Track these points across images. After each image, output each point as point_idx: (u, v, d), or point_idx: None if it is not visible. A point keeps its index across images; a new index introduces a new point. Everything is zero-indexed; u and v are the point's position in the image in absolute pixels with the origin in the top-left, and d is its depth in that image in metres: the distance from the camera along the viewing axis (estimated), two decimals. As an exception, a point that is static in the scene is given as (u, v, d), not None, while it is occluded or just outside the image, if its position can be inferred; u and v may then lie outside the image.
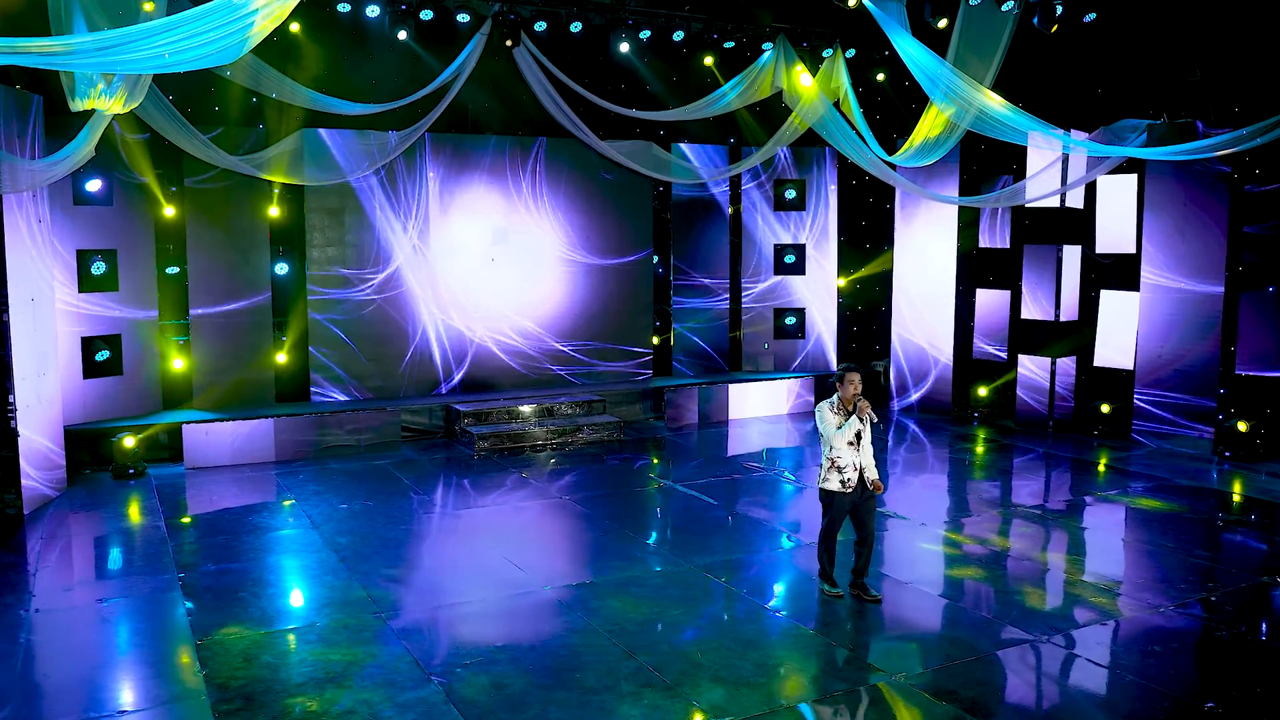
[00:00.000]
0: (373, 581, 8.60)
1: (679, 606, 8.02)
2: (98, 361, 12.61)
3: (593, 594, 8.31)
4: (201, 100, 13.14)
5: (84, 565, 9.24)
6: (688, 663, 6.95)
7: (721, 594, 8.29)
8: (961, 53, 13.17)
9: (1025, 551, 9.46)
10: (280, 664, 6.96)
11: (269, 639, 7.38)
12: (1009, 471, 12.86)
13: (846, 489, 7.84)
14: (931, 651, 7.24)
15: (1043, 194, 14.04)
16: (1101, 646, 7.34)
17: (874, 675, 6.81)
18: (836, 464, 7.85)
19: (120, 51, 7.90)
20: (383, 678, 6.72)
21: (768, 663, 6.96)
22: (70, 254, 12.34)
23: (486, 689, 6.56)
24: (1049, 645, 7.26)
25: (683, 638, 7.39)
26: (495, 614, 7.91)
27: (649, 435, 14.90)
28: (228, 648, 7.20)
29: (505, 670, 6.84)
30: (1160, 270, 13.51)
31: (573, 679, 6.71)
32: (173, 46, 8.34)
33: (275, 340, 14.07)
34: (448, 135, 14.99)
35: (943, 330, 15.98)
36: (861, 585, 8.15)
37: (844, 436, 7.80)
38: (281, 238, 14.14)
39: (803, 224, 17.19)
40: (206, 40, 8.52)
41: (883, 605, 7.99)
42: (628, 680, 6.68)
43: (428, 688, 6.57)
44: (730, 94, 15.26)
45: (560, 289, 15.94)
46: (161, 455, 12.74)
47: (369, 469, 12.62)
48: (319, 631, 7.51)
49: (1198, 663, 7.15)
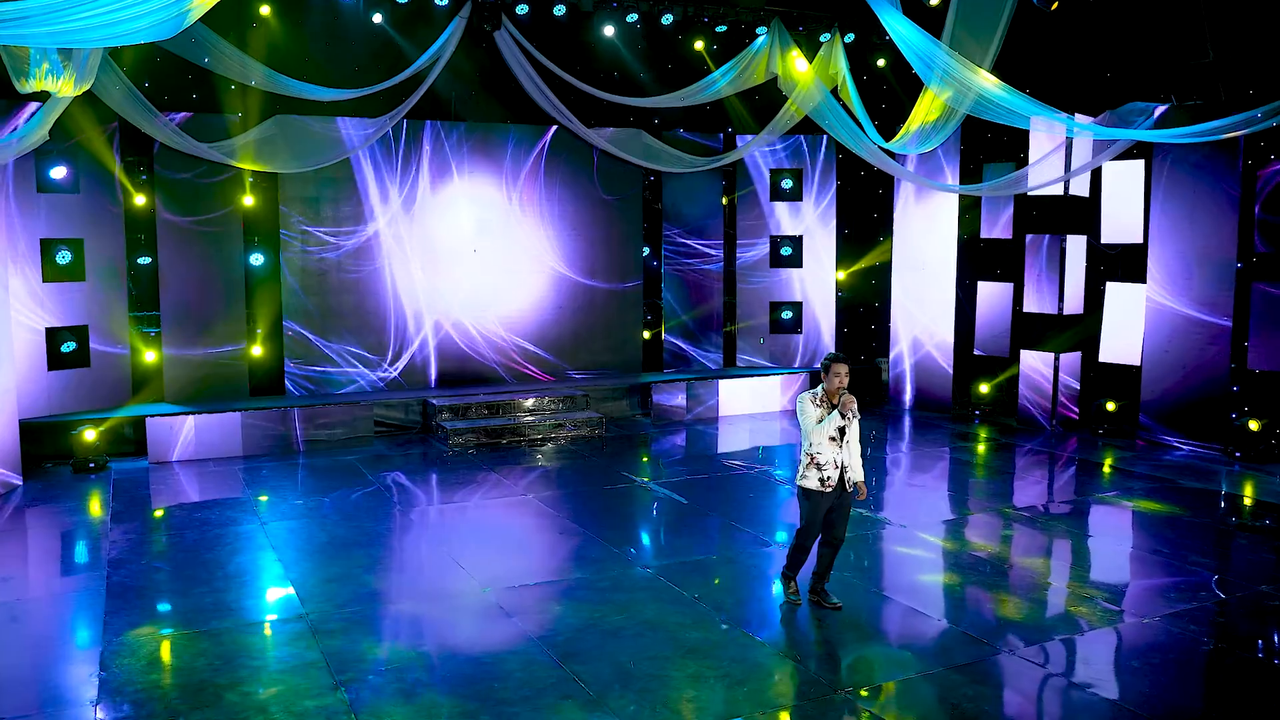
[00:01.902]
0: (307, 582, 8.19)
1: (623, 612, 7.52)
2: (63, 353, 12.30)
3: (534, 597, 7.84)
4: (173, 86, 12.80)
5: (14, 561, 8.88)
6: (618, 673, 6.45)
7: (672, 599, 7.77)
8: (957, 33, 12.58)
9: (1010, 557, 8.87)
10: (185, 667, 6.54)
11: (181, 641, 6.96)
12: (1006, 472, 12.24)
13: (825, 488, 7.28)
14: (887, 665, 6.69)
15: (1046, 181, 13.39)
16: (1075, 660, 6.76)
17: (818, 690, 6.28)
18: (816, 460, 7.29)
19: (38, 24, 7.52)
20: (287, 684, 6.29)
21: (705, 674, 6.44)
22: (33, 243, 12.03)
23: (394, 698, 6.10)
24: (1016, 658, 6.69)
25: (619, 646, 6.89)
26: (425, 618, 7.45)
27: (633, 432, 14.40)
28: (134, 650, 6.78)
29: (419, 678, 6.38)
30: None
31: (489, 689, 6.23)
32: (103, 18, 7.95)
33: (249, 331, 13.71)
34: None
35: (942, 324, 15.35)
36: (821, 591, 7.61)
37: (823, 431, 7.24)
38: (256, 226, 13.79)
39: (799, 214, 16.62)
40: (138, 14, 8.13)
41: (843, 613, 7.45)
42: (549, 691, 6.20)
43: (332, 696, 6.12)
44: (721, 80, 14.74)
45: (541, 297, 15.51)
46: (126, 449, 12.41)
47: (336, 464, 12.22)
48: (235, 634, 7.08)
49: (1180, 679, 6.54)
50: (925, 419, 15.13)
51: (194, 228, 13.15)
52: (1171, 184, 12.76)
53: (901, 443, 13.71)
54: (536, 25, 13.96)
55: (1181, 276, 12.66)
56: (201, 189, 13.15)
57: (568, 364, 15.61)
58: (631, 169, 15.77)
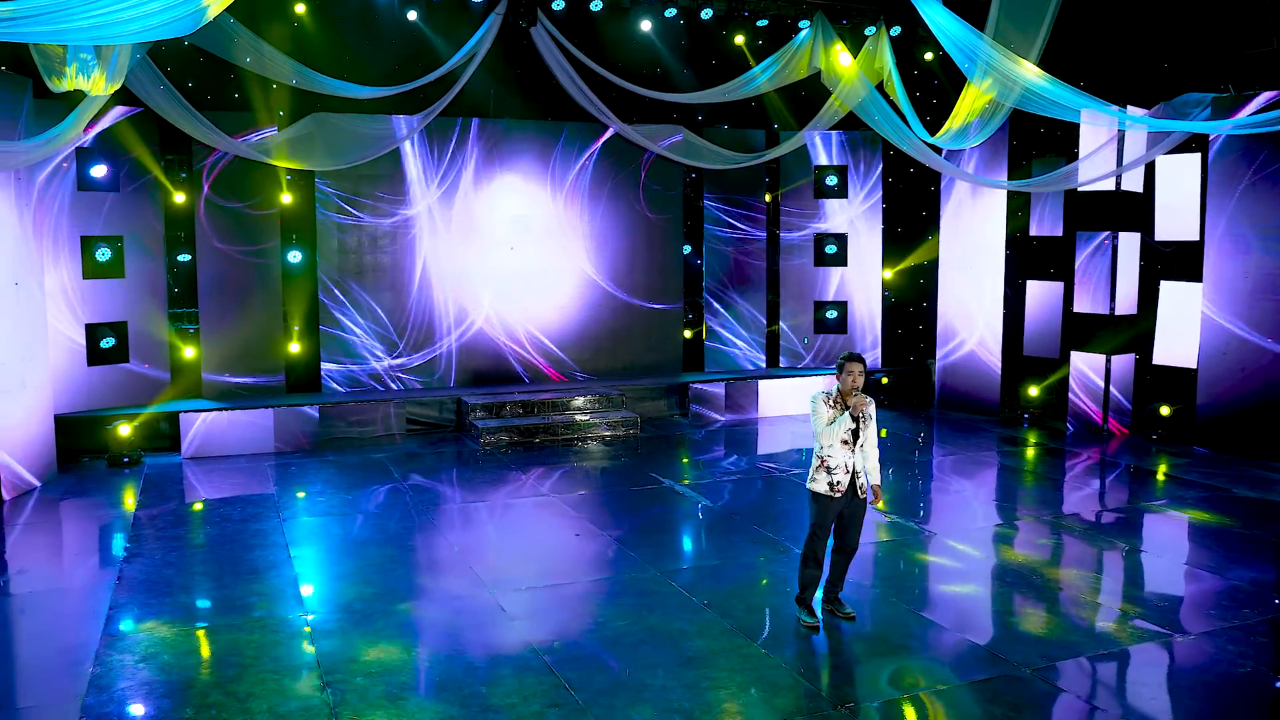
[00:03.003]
0: (314, 580, 8.14)
1: (627, 618, 7.32)
2: (102, 349, 12.49)
3: (540, 601, 7.67)
4: (211, 85, 12.91)
5: (34, 554, 8.97)
6: (611, 682, 6.25)
7: (679, 605, 7.55)
8: (1002, 24, 12.13)
9: (1041, 568, 8.46)
10: (177, 664, 6.50)
11: (179, 637, 6.93)
12: (1050, 478, 11.76)
13: (834, 493, 6.97)
14: (895, 681, 6.38)
15: (1097, 176, 12.86)
16: (1091, 679, 6.39)
17: (817, 705, 6.01)
18: (826, 463, 6.99)
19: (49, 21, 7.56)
20: (275, 684, 6.20)
21: (700, 685, 6.21)
22: (74, 240, 12.24)
23: (377, 700, 5.98)
24: (1035, 677, 6.33)
25: (617, 653, 6.68)
26: (427, 619, 7.33)
27: (669, 432, 14.18)
28: (132, 645, 6.77)
29: (408, 682, 6.26)
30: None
31: (476, 694, 6.07)
32: (115, 15, 7.98)
33: (285, 328, 13.79)
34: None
35: (990, 324, 14.86)
36: (835, 600, 7.31)
37: (834, 433, 6.94)
38: (293, 223, 13.86)
39: (845, 212, 16.25)
40: (151, 10, 8.14)
41: (856, 624, 7.15)
42: (536, 699, 6.02)
43: (317, 697, 6.02)
44: (761, 76, 14.44)
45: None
46: (161, 444, 12.55)
47: (366, 462, 12.22)
48: (234, 631, 7.03)
49: (1206, 702, 6.13)
50: (971, 422, 14.65)
51: (232, 225, 13.25)
52: (1228, 177, 12.14)
53: (945, 446, 13.28)
54: (573, 21, 13.82)
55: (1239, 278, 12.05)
56: (240, 187, 13.25)
57: (602, 369, 15.44)
58: (675, 178, 15.74)
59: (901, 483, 11.62)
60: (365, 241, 14.12)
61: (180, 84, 11.97)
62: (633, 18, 14.18)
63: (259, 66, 12.31)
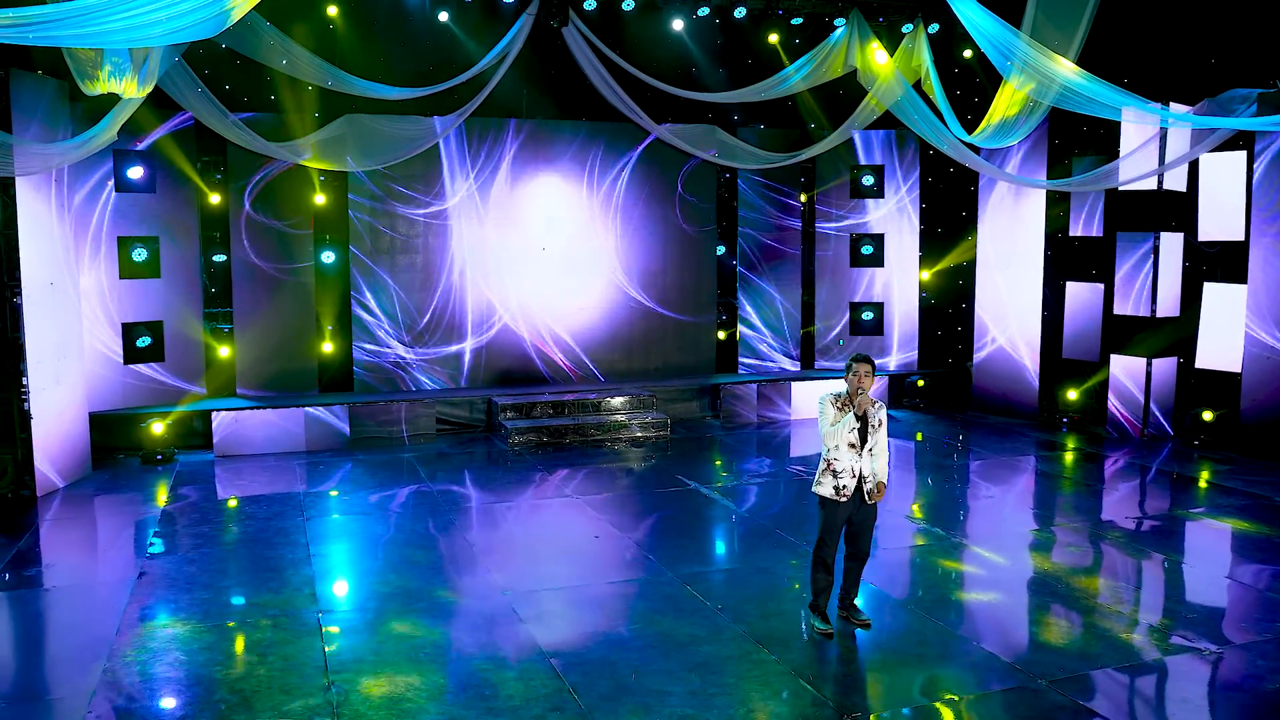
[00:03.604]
0: (331, 579, 8.17)
1: (639, 621, 7.26)
2: (139, 348, 12.68)
3: (553, 603, 7.63)
4: (246, 88, 13.06)
5: (61, 550, 9.12)
6: (616, 686, 6.19)
7: (693, 609, 7.46)
8: (1039, 22, 11.88)
9: (1068, 576, 8.25)
10: (188, 661, 6.55)
11: (192, 634, 6.98)
12: (1086, 484, 11.49)
13: (840, 497, 6.86)
14: (906, 691, 6.25)
15: (1138, 175, 12.54)
16: (1109, 693, 6.20)
17: (823, 714, 5.89)
18: (833, 467, 6.88)
19: (76, 25, 7.68)
20: (281, 683, 6.22)
21: (705, 691, 6.12)
22: (111, 240, 12.45)
23: (380, 702, 5.97)
24: (1052, 689, 6.16)
25: (625, 657, 6.62)
26: (438, 619, 7.31)
27: (699, 434, 14.08)
28: (145, 641, 6.85)
29: (413, 683, 6.24)
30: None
31: (480, 697, 6.04)
32: (141, 19, 8.09)
33: (318, 327, 13.91)
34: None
35: (1029, 326, 14.57)
36: (851, 606, 7.18)
37: (840, 435, 6.82)
38: (326, 224, 13.98)
39: (881, 211, 16.03)
40: (176, 14, 8.24)
41: (870, 631, 7.02)
42: (539, 703, 5.97)
43: (320, 696, 6.02)
44: (796, 75, 14.29)
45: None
46: (194, 442, 12.73)
47: (393, 462, 12.28)
48: (247, 629, 7.08)
49: (1231, 717, 5.92)
50: (1009, 426, 14.37)
51: (266, 225, 13.38)
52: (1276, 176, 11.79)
53: (980, 451, 13.02)
54: (604, 20, 13.77)
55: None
56: (274, 188, 13.39)
57: (627, 376, 15.39)
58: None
59: (933, 488, 11.43)
60: (397, 233, 14.18)
61: (216, 87, 12.13)
62: (665, 17, 14.11)
63: (293, 69, 12.42)
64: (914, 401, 15.81)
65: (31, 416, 10.39)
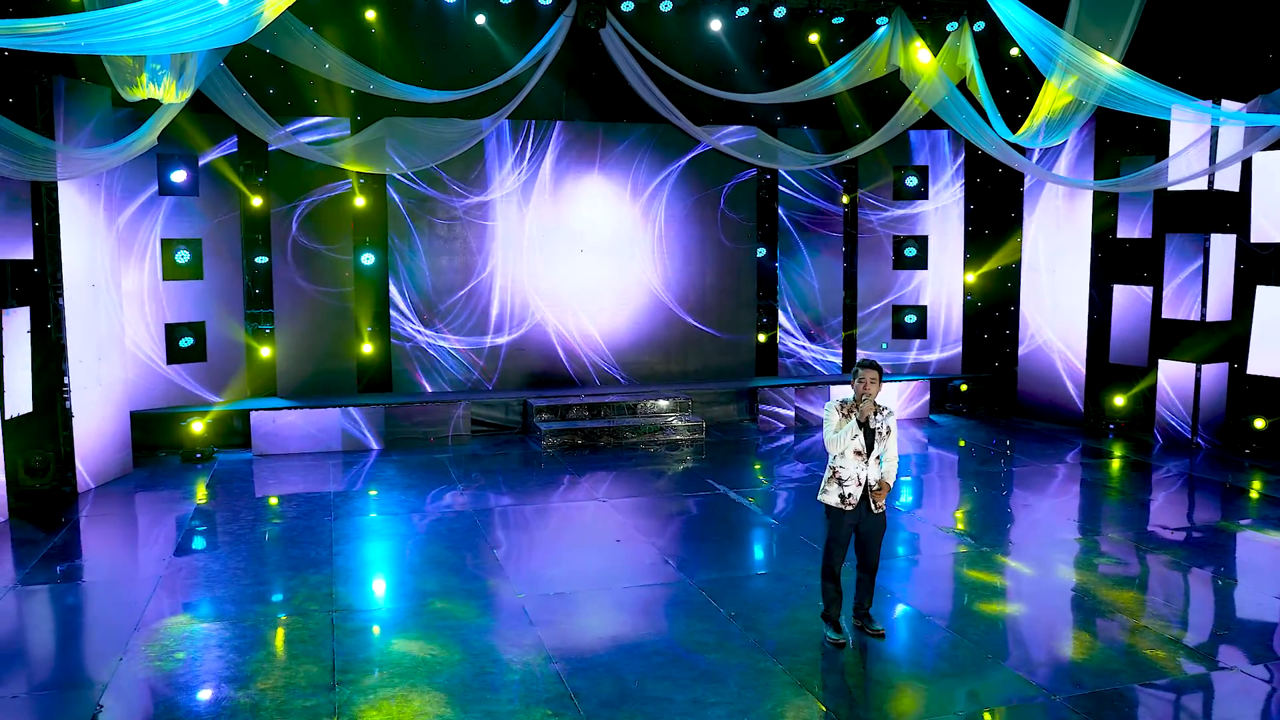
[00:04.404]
0: (349, 578, 8.23)
1: (650, 626, 7.22)
2: (181, 348, 12.94)
3: (565, 605, 7.61)
4: (289, 91, 13.25)
5: (94, 545, 9.32)
6: (618, 692, 6.14)
7: (706, 616, 7.38)
8: (1083, 20, 11.58)
9: (1097, 589, 8.00)
10: (199, 658, 6.63)
11: (207, 632, 7.08)
12: (1128, 494, 11.16)
13: (846, 506, 6.73)
14: (912, 703, 6.10)
15: (1188, 175, 12.16)
16: (1122, 711, 5.98)
17: (825, 724, 5.79)
18: (838, 475, 6.76)
19: (107, 32, 7.84)
20: (288, 681, 6.28)
21: (707, 699, 6.04)
22: (155, 242, 12.71)
23: (383, 702, 5.99)
24: (1064, 706, 5.97)
25: (631, 663, 6.56)
26: (449, 621, 7.32)
27: (736, 438, 13.97)
28: (161, 638, 6.95)
29: (417, 684, 6.25)
30: None
31: (481, 699, 6.04)
32: (172, 25, 8.23)
33: (358, 328, 14.06)
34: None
35: (1075, 330, 14.21)
36: (865, 616, 7.03)
37: (841, 442, 6.71)
38: (366, 226, 14.14)
39: (925, 212, 15.77)
40: (205, 20, 8.37)
41: (883, 642, 6.88)
42: (540, 706, 5.95)
43: (325, 696, 6.06)
44: (836, 76, 14.08)
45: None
46: (234, 441, 12.94)
47: (427, 462, 12.36)
48: (261, 627, 7.16)
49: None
50: (1053, 432, 14.03)
51: (307, 228, 13.57)
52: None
53: (1023, 458, 12.70)
54: (642, 22, 13.73)
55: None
56: (314, 191, 13.57)
57: (672, 375, 15.33)
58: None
59: (970, 496, 11.20)
60: (435, 232, 14.28)
61: (259, 92, 12.31)
62: (703, 18, 14.03)
63: (333, 73, 12.57)
64: (956, 406, 15.52)
65: (73, 415, 10.66)
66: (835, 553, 6.77)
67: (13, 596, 7.84)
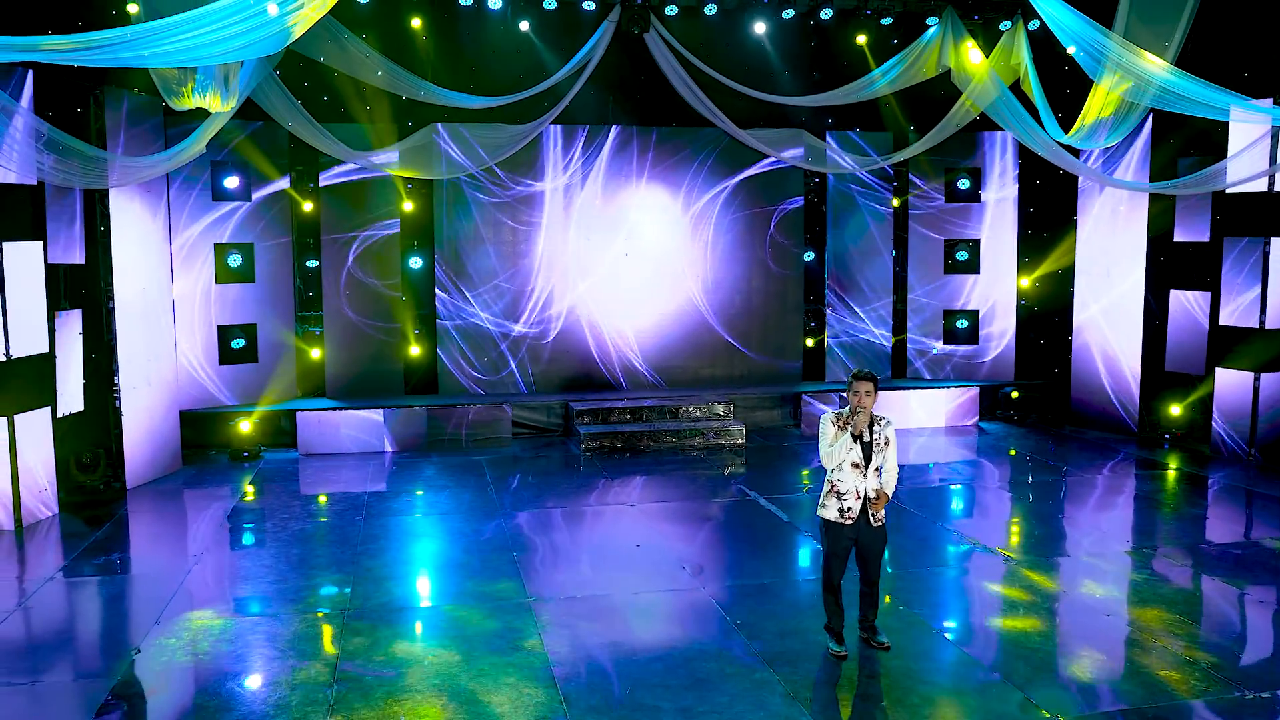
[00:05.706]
0: (368, 578, 8.38)
1: (653, 633, 7.22)
2: (233, 349, 13.33)
3: (573, 610, 7.64)
4: (342, 98, 13.54)
5: (135, 540, 9.66)
6: (607, 700, 6.15)
7: (711, 622, 7.36)
8: (1132, 22, 11.25)
9: (1118, 608, 7.77)
10: (210, 653, 6.83)
11: (221, 628, 7.29)
12: (1176, 507, 10.78)
13: (845, 520, 6.62)
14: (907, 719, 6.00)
15: (1247, 176, 11.71)
16: (1130, 734, 5.80)
17: (811, 738, 5.72)
18: (836, 488, 6.65)
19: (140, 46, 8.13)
20: (288, 678, 6.43)
21: (696, 710, 6.02)
22: (207, 247, 13.12)
23: (378, 701, 6.10)
24: (1061, 725, 5.82)
25: (627, 670, 6.57)
26: (455, 623, 7.41)
27: (777, 443, 13.86)
28: (180, 633, 7.18)
29: (414, 683, 6.36)
30: None
31: (474, 702, 6.11)
32: (204, 38, 8.50)
33: (405, 331, 14.31)
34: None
35: (1129, 336, 13.77)
36: (871, 628, 6.92)
37: (836, 455, 6.61)
38: (413, 230, 14.39)
39: (978, 217, 15.45)
40: (237, 33, 8.63)
41: (888, 655, 6.77)
42: (528, 711, 6.00)
43: (321, 694, 6.19)
44: (883, 79, 13.87)
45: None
46: (282, 441, 13.27)
47: (465, 464, 12.53)
48: (274, 624, 7.35)
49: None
50: (1106, 442, 13.62)
51: (356, 233, 13.87)
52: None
53: (1072, 468, 12.32)
54: (686, 26, 13.72)
55: None
56: (363, 196, 13.87)
57: (717, 380, 15.31)
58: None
59: (1009, 507, 10.95)
60: (485, 266, 14.52)
61: (310, 100, 12.62)
62: (747, 21, 13.96)
63: (385, 82, 12.82)
64: (1008, 414, 15.17)
65: (123, 414, 11.06)
66: (835, 568, 6.68)
67: (50, 586, 8.18)
